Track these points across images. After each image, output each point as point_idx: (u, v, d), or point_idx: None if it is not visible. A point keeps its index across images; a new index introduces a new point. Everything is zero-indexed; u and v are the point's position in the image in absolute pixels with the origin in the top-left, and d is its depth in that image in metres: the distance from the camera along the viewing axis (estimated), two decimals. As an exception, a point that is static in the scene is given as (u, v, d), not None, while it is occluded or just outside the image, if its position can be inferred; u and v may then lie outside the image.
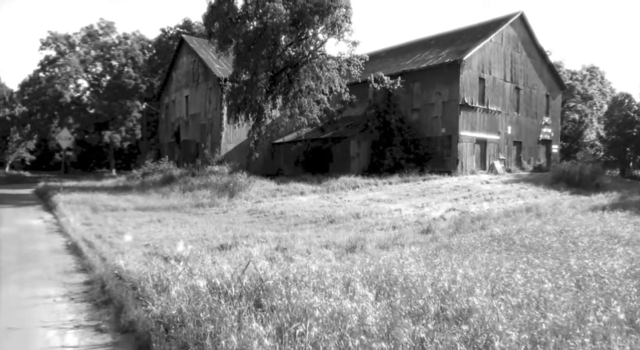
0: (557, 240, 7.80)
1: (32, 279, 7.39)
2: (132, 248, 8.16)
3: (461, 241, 8.05)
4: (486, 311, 3.93)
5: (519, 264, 5.81)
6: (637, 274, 5.33)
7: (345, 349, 3.34)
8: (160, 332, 4.31)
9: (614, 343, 3.49)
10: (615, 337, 3.59)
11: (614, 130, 42.18)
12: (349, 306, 4.03)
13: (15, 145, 63.17)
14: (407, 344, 3.42)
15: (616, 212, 12.31)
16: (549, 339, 3.58)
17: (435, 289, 4.56)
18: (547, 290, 4.58)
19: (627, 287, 4.78)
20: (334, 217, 14.22)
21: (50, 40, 49.96)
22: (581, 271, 5.46)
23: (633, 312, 4.11)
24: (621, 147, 42.37)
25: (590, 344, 3.51)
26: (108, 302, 5.95)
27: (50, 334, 5.06)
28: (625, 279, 5.11)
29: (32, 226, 13.73)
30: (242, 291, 4.59)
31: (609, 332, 3.69)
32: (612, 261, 5.96)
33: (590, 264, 5.76)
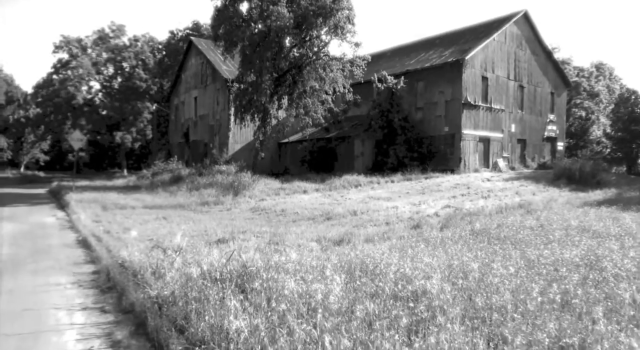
0: (532, 234, 8.31)
1: (45, 269, 8.14)
2: (137, 242, 8.85)
3: (442, 235, 8.60)
4: (435, 291, 4.51)
5: (483, 254, 6.36)
6: (587, 262, 5.85)
7: (309, 321, 3.94)
8: (155, 310, 4.98)
9: (543, 320, 4.04)
10: (544, 315, 4.14)
11: (619, 127, 42.16)
12: (315, 287, 4.63)
13: (29, 146, 64.69)
14: (360, 317, 4.01)
15: (603, 208, 12.73)
16: (485, 315, 4.15)
17: (397, 275, 5.14)
18: (497, 275, 5.14)
19: (572, 273, 5.31)
20: (332, 214, 14.82)
21: (62, 43, 51.21)
22: (538, 260, 5.99)
23: (568, 293, 4.64)
24: (627, 143, 42.35)
25: (521, 318, 4.07)
26: (112, 288, 6.67)
27: (61, 314, 5.78)
28: (574, 267, 5.63)
29: (45, 223, 14.56)
30: (226, 276, 5.23)
31: (542, 311, 4.24)
32: (571, 251, 6.47)
33: (548, 254, 6.28)
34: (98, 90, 55.24)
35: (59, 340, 4.96)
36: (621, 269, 5.45)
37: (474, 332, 3.82)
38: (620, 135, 42.49)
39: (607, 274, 5.25)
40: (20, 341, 5.00)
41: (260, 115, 27.91)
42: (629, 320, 4.04)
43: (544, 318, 4.02)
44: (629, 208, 12.93)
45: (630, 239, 7.55)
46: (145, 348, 4.63)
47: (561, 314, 4.11)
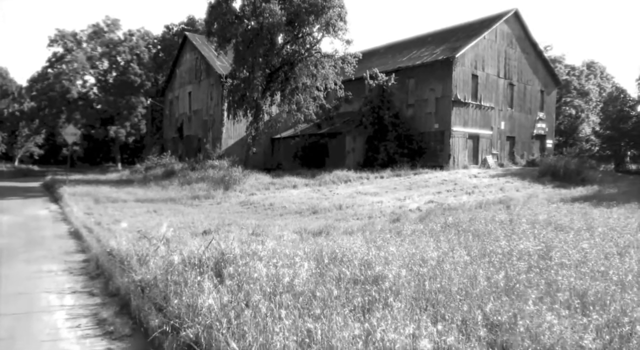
0: (499, 227, 8.82)
1: (38, 258, 8.59)
2: (126, 233, 9.29)
3: (416, 228, 9.10)
4: (391, 276, 5.00)
5: (446, 244, 6.85)
6: (539, 252, 6.34)
7: (273, 299, 4.41)
8: (138, 292, 5.46)
9: (482, 301, 4.54)
10: (484, 296, 4.63)
11: (607, 125, 42.82)
12: (283, 271, 5.11)
13: (24, 140, 64.73)
14: (322, 297, 4.49)
15: (576, 204, 13.28)
16: (433, 296, 4.64)
17: (360, 262, 5.63)
18: (452, 263, 5.63)
19: (521, 261, 5.81)
20: (318, 208, 15.30)
21: (58, 37, 51.29)
22: (495, 250, 6.49)
23: (512, 279, 5.14)
24: (616, 141, 43.02)
25: (463, 299, 4.56)
26: (100, 274, 7.14)
27: (52, 297, 6.25)
28: (526, 256, 6.14)
29: (39, 215, 14.97)
30: (204, 262, 5.70)
31: (483, 294, 4.73)
32: (528, 243, 6.98)
33: (506, 245, 6.79)
34: (93, 84, 55.45)
35: (49, 319, 5.43)
36: (568, 259, 5.95)
37: (421, 310, 4.31)
38: (608, 134, 43.15)
39: (553, 263, 5.75)
40: (15, 320, 5.46)
41: (252, 111, 28.30)
42: (561, 303, 4.53)
43: (484, 299, 4.51)
44: (601, 204, 13.48)
45: (587, 232, 8.06)
46: (127, 324, 5.12)
47: (500, 296, 4.61)
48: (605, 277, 5.17)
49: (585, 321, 3.94)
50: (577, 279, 5.13)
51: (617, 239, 7.35)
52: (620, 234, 7.75)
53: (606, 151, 45.40)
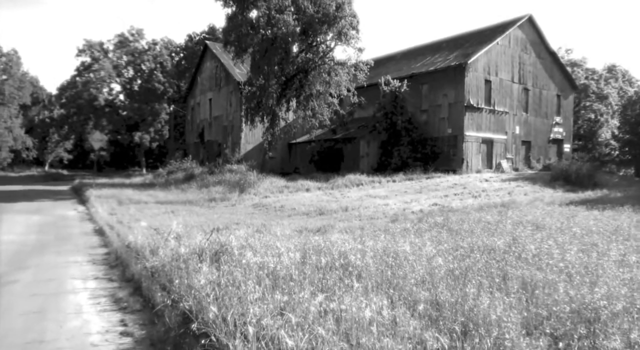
0: (484, 227, 9.50)
1: (66, 251, 9.70)
2: (143, 230, 10.31)
3: (405, 227, 9.85)
4: (359, 264, 5.82)
5: (423, 240, 7.60)
6: (505, 248, 7.04)
7: (255, 280, 5.28)
8: (149, 276, 6.42)
9: (434, 285, 5.31)
10: (438, 282, 5.40)
11: (626, 130, 42.40)
12: (269, 260, 5.98)
13: (54, 146, 67.47)
14: (297, 279, 5.34)
15: (572, 206, 13.77)
16: (395, 281, 5.43)
17: (338, 253, 6.46)
18: (419, 255, 6.40)
19: (483, 255, 6.53)
20: (325, 210, 16.13)
21: (85, 47, 53.64)
22: (467, 245, 7.21)
23: (470, 269, 5.88)
24: (635, 146, 42.56)
25: (420, 284, 5.34)
26: (119, 264, 8.18)
27: (77, 281, 7.29)
28: (491, 251, 6.85)
29: (67, 216, 16.26)
30: (206, 252, 6.61)
31: (439, 280, 5.50)
32: (500, 240, 7.66)
33: (478, 241, 7.49)
34: (118, 91, 57.65)
35: (75, 298, 6.45)
36: (527, 254, 6.63)
37: (377, 290, 5.12)
38: (628, 138, 42.73)
39: (510, 257, 6.45)
40: (46, 299, 6.50)
41: (268, 117, 29.36)
42: (501, 288, 5.25)
43: (436, 284, 5.28)
44: (597, 207, 13.92)
45: (561, 231, 8.67)
46: (138, 302, 6.09)
47: (452, 282, 5.36)
48: (551, 268, 5.85)
49: (511, 301, 4.68)
50: (526, 269, 5.84)
51: (584, 238, 7.96)
52: (589, 234, 8.35)
53: (626, 156, 44.92)
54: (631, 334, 3.86)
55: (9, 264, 8.58)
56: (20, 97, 55.03)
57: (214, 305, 4.39)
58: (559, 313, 4.38)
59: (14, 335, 5.19)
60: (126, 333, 5.16)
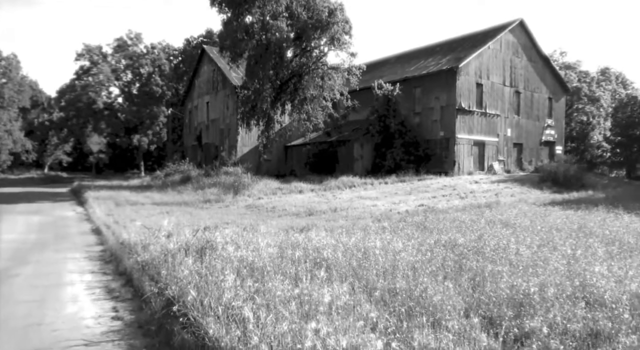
0: (457, 225, 10.10)
1: (64, 249, 10.32)
2: (138, 229, 10.90)
3: (383, 226, 10.46)
4: (333, 258, 6.45)
5: (396, 237, 8.21)
6: (467, 244, 7.64)
7: (234, 270, 5.89)
8: (139, 269, 7.03)
9: (394, 275, 5.91)
10: (395, 272, 6.01)
11: (617, 132, 43.06)
12: (248, 253, 6.59)
13: (53, 148, 68.04)
14: (271, 270, 5.95)
15: (549, 207, 14.38)
16: (360, 272, 6.04)
17: (313, 248, 7.07)
18: (386, 249, 7.01)
19: (442, 249, 7.15)
20: (314, 211, 16.74)
21: (84, 51, 54.31)
22: (433, 242, 7.83)
23: (424, 261, 6.50)
24: (627, 148, 43.22)
25: (381, 274, 5.95)
26: (113, 259, 8.79)
27: (74, 275, 7.91)
28: (454, 247, 7.47)
29: (66, 216, 16.87)
30: (191, 247, 7.23)
31: (396, 270, 6.11)
32: (465, 237, 8.28)
33: (445, 238, 8.10)
34: (117, 95, 58.38)
35: (72, 289, 7.07)
36: (486, 249, 7.23)
37: (341, 279, 5.73)
38: (619, 140, 43.39)
39: (470, 251, 7.06)
40: (46, 289, 7.13)
41: (264, 120, 29.98)
42: (456, 279, 5.85)
43: (396, 275, 5.90)
44: (575, 207, 14.53)
45: (527, 229, 9.28)
46: (129, 291, 6.72)
47: (410, 273, 5.97)
48: (503, 261, 6.46)
49: (458, 289, 5.30)
50: (480, 262, 6.44)
51: (545, 235, 8.56)
52: (552, 231, 8.95)
53: (618, 157, 45.57)
54: (550, 314, 4.46)
55: (11, 259, 9.20)
56: (20, 101, 55.63)
57: (194, 290, 4.99)
58: (496, 298, 4.98)
59: (16, 319, 5.80)
60: (117, 317, 5.77)
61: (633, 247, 7.51)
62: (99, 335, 5.17)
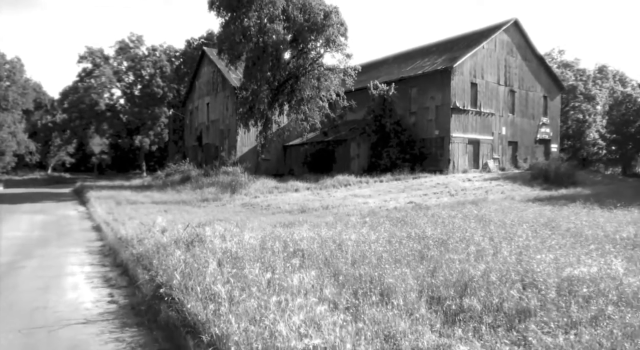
0: (434, 221, 10.75)
1: (67, 244, 11.06)
2: (136, 226, 11.61)
3: (364, 220, 11.13)
4: (309, 248, 7.14)
5: (371, 231, 8.88)
6: (434, 237, 8.29)
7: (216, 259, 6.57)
8: (134, 261, 7.74)
9: (361, 263, 6.57)
10: (364, 260, 6.68)
11: (612, 130, 43.55)
12: (232, 245, 7.28)
13: (56, 149, 68.97)
14: (250, 259, 6.63)
15: (530, 203, 15.02)
16: (334, 261, 6.71)
17: (292, 240, 7.76)
18: (358, 241, 7.69)
19: (410, 242, 7.83)
20: (307, 208, 17.41)
21: (87, 54, 55.21)
22: (402, 235, 8.48)
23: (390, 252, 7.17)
24: (622, 145, 43.70)
25: (349, 263, 6.62)
26: (111, 253, 9.52)
27: (75, 267, 8.64)
28: (422, 239, 8.12)
29: (69, 215, 17.63)
30: (181, 240, 7.92)
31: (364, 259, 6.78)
32: (437, 230, 8.93)
33: (416, 231, 8.77)
34: (119, 96, 59.26)
35: (73, 279, 7.80)
36: (451, 240, 7.89)
37: (315, 268, 6.40)
38: (614, 137, 43.88)
39: (435, 243, 7.71)
40: (49, 279, 7.87)
41: (262, 121, 30.68)
42: (416, 266, 6.51)
43: (363, 262, 6.57)
44: (556, 203, 15.16)
45: (497, 223, 9.93)
46: (125, 280, 7.44)
47: (376, 261, 6.63)
48: (462, 251, 7.11)
49: (414, 273, 5.98)
50: (442, 252, 7.11)
51: (512, 228, 9.20)
52: (520, 225, 9.59)
53: (613, 155, 46.04)
54: (487, 294, 5.12)
55: (17, 254, 9.95)
56: (24, 103, 56.53)
57: (179, 275, 5.68)
58: (446, 282, 5.64)
59: (23, 303, 6.52)
60: (113, 301, 6.48)
61: (588, 238, 8.14)
62: (96, 316, 5.87)
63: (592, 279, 5.41)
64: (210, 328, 4.30)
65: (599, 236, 8.32)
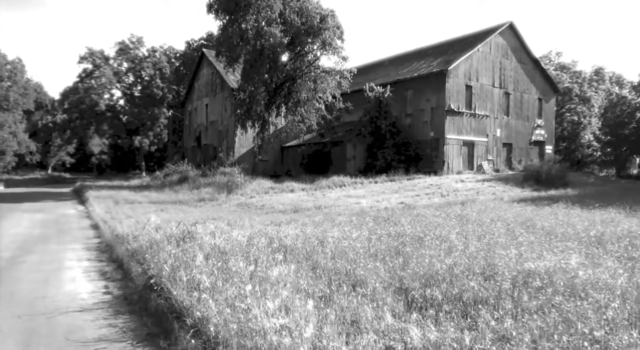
0: (418, 220, 11.23)
1: (65, 241, 11.56)
2: (133, 224, 12.11)
3: (351, 220, 11.63)
4: (293, 245, 7.63)
5: (354, 229, 9.37)
6: (411, 234, 8.78)
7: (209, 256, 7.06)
8: (129, 256, 8.23)
9: (341, 257, 7.06)
10: (340, 254, 7.16)
11: (606, 132, 44.03)
12: (219, 241, 7.77)
13: (56, 149, 69.47)
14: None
15: (514, 204, 15.51)
16: (314, 256, 7.20)
17: (277, 237, 8.25)
18: (341, 238, 8.17)
19: (388, 239, 8.32)
20: (299, 208, 17.89)
21: (87, 54, 55.71)
22: (382, 233, 8.98)
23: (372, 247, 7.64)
24: (616, 147, 44.17)
25: (328, 255, 7.11)
26: (108, 249, 10.03)
27: (73, 262, 9.14)
28: (399, 236, 8.62)
29: (68, 214, 18.13)
30: (173, 236, 8.41)
31: (343, 253, 7.26)
32: (416, 228, 9.42)
33: (395, 228, 9.26)
34: (119, 97, 59.75)
35: (71, 273, 8.30)
36: (427, 237, 8.37)
37: (301, 261, 6.89)
38: (609, 139, 44.36)
39: (411, 240, 8.20)
40: (49, 272, 8.38)
41: (259, 122, 31.16)
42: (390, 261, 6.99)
43: (341, 257, 7.05)
44: (539, 203, 15.65)
45: (474, 221, 10.41)
46: (119, 273, 7.94)
47: (353, 256, 7.12)
48: (435, 247, 7.60)
49: (386, 266, 6.46)
50: (416, 248, 7.59)
51: (488, 227, 9.68)
52: (495, 223, 10.08)
53: (608, 156, 46.51)
54: (450, 287, 5.60)
55: (18, 249, 10.46)
56: (24, 103, 57.04)
57: (168, 267, 6.18)
58: (414, 275, 6.13)
59: (24, 293, 7.03)
60: (107, 292, 6.98)
61: (557, 235, 8.61)
62: (92, 305, 6.36)
63: (547, 272, 5.89)
64: (194, 312, 4.78)
65: (569, 234, 8.80)
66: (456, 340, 4.13)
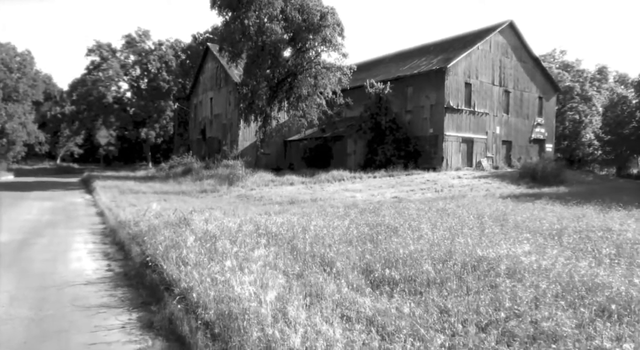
0: (399, 212, 11.99)
1: (73, 227, 12.49)
2: (135, 212, 12.98)
3: (338, 211, 12.41)
4: (277, 231, 8.44)
5: (338, 219, 10.14)
6: (388, 225, 9.54)
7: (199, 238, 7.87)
8: (130, 239, 9.11)
9: (318, 244, 7.85)
10: (318, 241, 7.95)
11: (607, 131, 44.40)
12: (212, 227, 8.59)
13: (65, 140, 70.68)
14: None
15: (500, 199, 16.21)
16: (294, 242, 7.99)
17: (264, 226, 9.06)
18: (324, 226, 8.96)
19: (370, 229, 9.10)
20: (296, 200, 18.68)
21: (95, 47, 56.73)
22: (361, 223, 9.76)
23: (351, 233, 8.42)
24: (617, 146, 44.52)
25: (309, 243, 7.90)
26: (111, 233, 10.93)
27: (80, 244, 10.06)
28: (378, 226, 9.39)
29: (76, 202, 19.09)
30: (170, 221, 9.25)
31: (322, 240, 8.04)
32: (396, 219, 10.18)
33: (377, 219, 10.01)
34: (126, 90, 60.81)
35: (77, 253, 9.20)
36: (401, 229, 9.13)
37: (282, 245, 7.70)
38: (609, 138, 44.73)
39: (386, 229, 8.97)
40: (57, 253, 9.30)
41: (261, 116, 31.97)
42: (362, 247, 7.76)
43: (318, 242, 7.85)
44: (525, 200, 16.33)
45: (453, 215, 11.15)
46: (121, 254, 8.85)
47: (330, 241, 7.91)
48: (407, 236, 8.37)
49: (357, 251, 7.25)
50: (389, 236, 8.36)
51: (464, 220, 10.42)
52: (471, 217, 10.82)
53: (609, 156, 46.87)
54: (408, 269, 6.37)
55: (29, 233, 11.41)
56: (34, 95, 58.15)
57: (162, 247, 7.02)
58: (379, 258, 6.91)
59: (36, 270, 7.94)
60: (109, 270, 7.88)
61: (524, 228, 9.35)
62: (95, 280, 7.24)
63: (496, 258, 6.64)
64: (181, 283, 5.61)
65: (535, 227, 9.52)
66: (397, 309, 4.91)
